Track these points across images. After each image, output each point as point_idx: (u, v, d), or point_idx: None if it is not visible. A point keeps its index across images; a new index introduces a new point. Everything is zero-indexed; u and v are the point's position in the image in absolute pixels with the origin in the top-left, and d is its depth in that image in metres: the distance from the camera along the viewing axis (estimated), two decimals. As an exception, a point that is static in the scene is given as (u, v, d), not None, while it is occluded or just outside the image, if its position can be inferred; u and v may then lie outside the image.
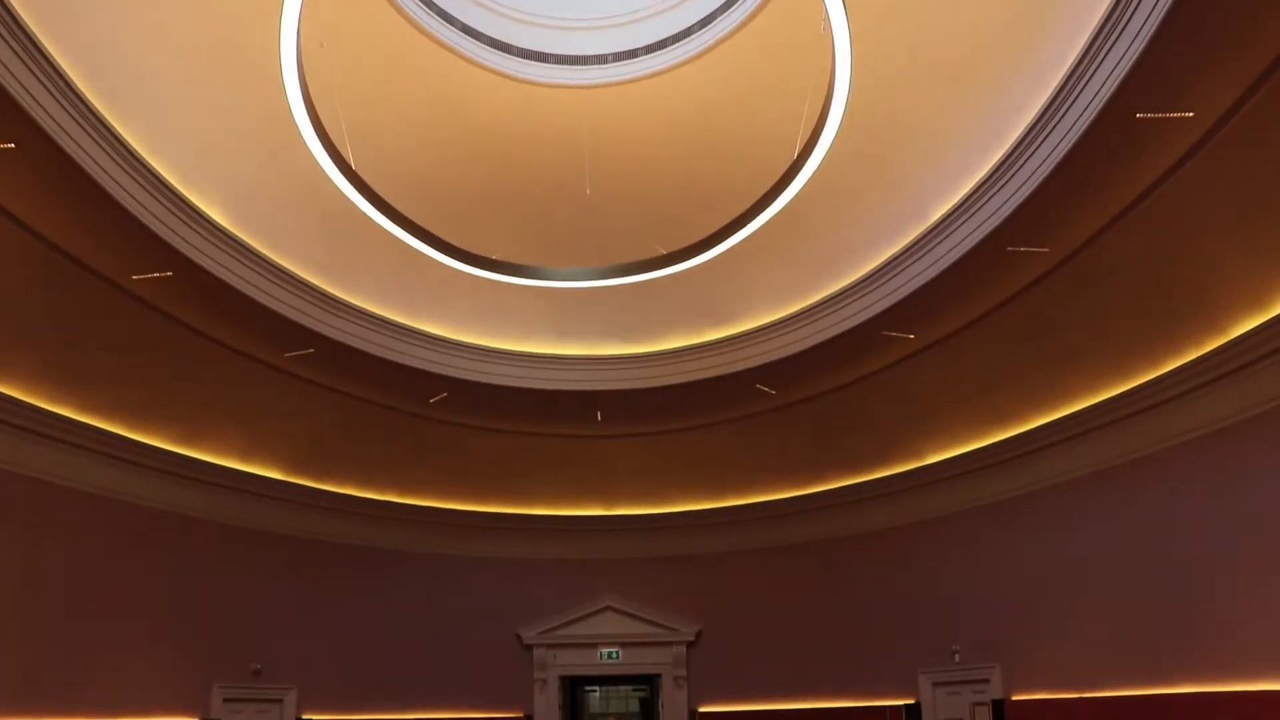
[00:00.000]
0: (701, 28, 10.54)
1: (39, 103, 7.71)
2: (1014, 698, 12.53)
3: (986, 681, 12.92)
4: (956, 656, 13.42)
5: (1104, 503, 11.63)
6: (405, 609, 15.50)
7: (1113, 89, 7.63)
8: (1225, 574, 10.06)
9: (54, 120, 7.87)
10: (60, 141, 7.95)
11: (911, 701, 13.89)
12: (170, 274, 9.72)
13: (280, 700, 13.83)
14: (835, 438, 14.29)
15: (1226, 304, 9.59)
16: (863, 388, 12.99)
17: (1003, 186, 9.19)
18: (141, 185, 8.93)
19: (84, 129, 8.22)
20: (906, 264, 10.67)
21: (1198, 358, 10.14)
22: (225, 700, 12.98)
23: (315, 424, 13.47)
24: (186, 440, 12.63)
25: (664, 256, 11.15)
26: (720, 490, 16.07)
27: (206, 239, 9.80)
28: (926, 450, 13.79)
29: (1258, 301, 9.37)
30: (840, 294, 11.60)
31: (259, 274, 10.53)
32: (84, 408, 11.34)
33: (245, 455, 13.40)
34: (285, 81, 8.04)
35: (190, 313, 10.68)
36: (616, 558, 16.53)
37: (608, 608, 16.34)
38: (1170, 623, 10.60)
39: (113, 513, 11.97)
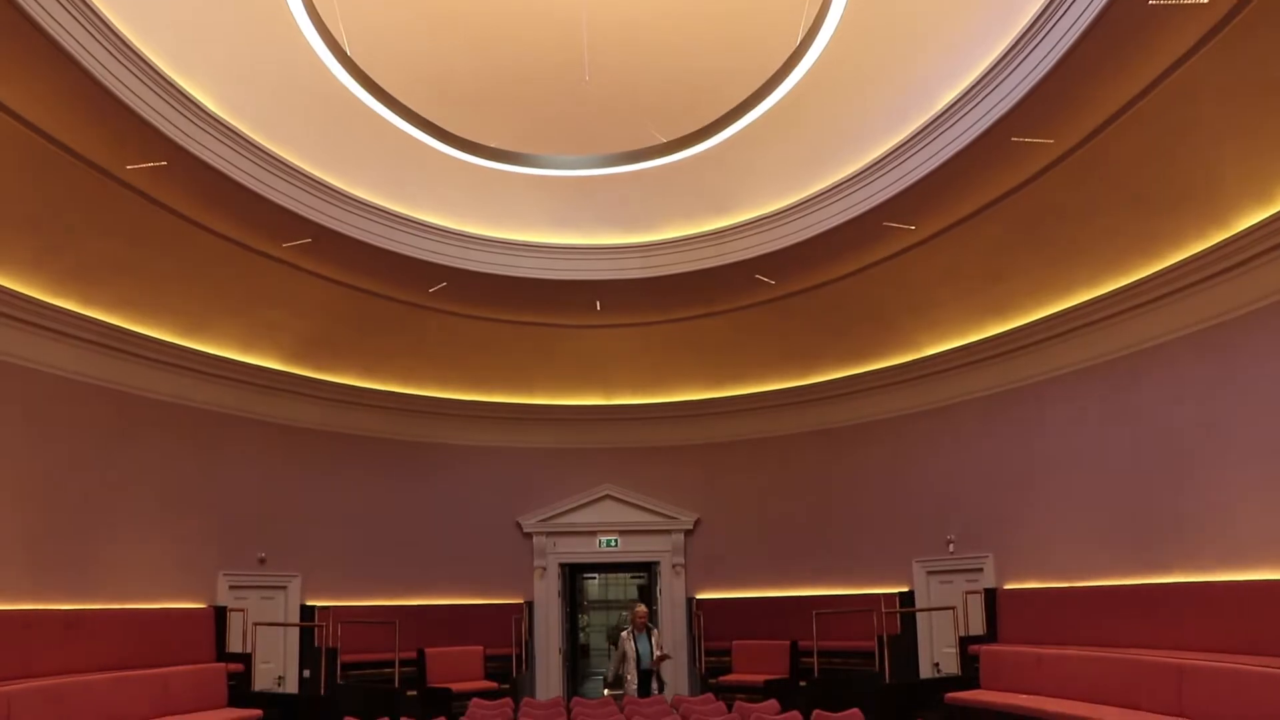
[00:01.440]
0: (703, -92, 10.23)
1: (23, -15, 7.51)
2: (1006, 586, 12.74)
3: (980, 571, 13.13)
4: (951, 546, 13.62)
5: (1102, 395, 11.69)
6: (406, 498, 15.69)
7: (1126, -28, 7.44)
8: (1220, 467, 10.15)
9: (37, 3, 7.67)
10: (45, 25, 7.75)
11: (906, 590, 14.12)
12: (165, 163, 9.60)
13: (284, 587, 14.10)
14: (834, 329, 14.29)
15: (1231, 197, 9.50)
16: (863, 279, 12.95)
17: (1009, 75, 9.00)
18: (132, 71, 8.74)
19: (70, 13, 8.00)
20: (909, 154, 10.53)
21: (1200, 251, 10.09)
22: (231, 588, 13.23)
23: (315, 315, 13.46)
24: (187, 332, 12.65)
25: (663, 145, 11.00)
26: (719, 380, 16.15)
27: (201, 128, 9.65)
28: (925, 342, 13.80)
29: (1263, 194, 9.28)
30: (841, 183, 11.47)
31: (255, 163, 10.39)
32: (85, 300, 11.33)
33: (246, 346, 13.42)
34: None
35: (187, 203, 10.58)
36: (615, 446, 16.69)
37: (607, 496, 16.56)
38: (1164, 514, 10.73)
39: (116, 404, 12.06)
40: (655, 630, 13.08)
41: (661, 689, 12.53)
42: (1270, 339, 9.61)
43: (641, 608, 13.20)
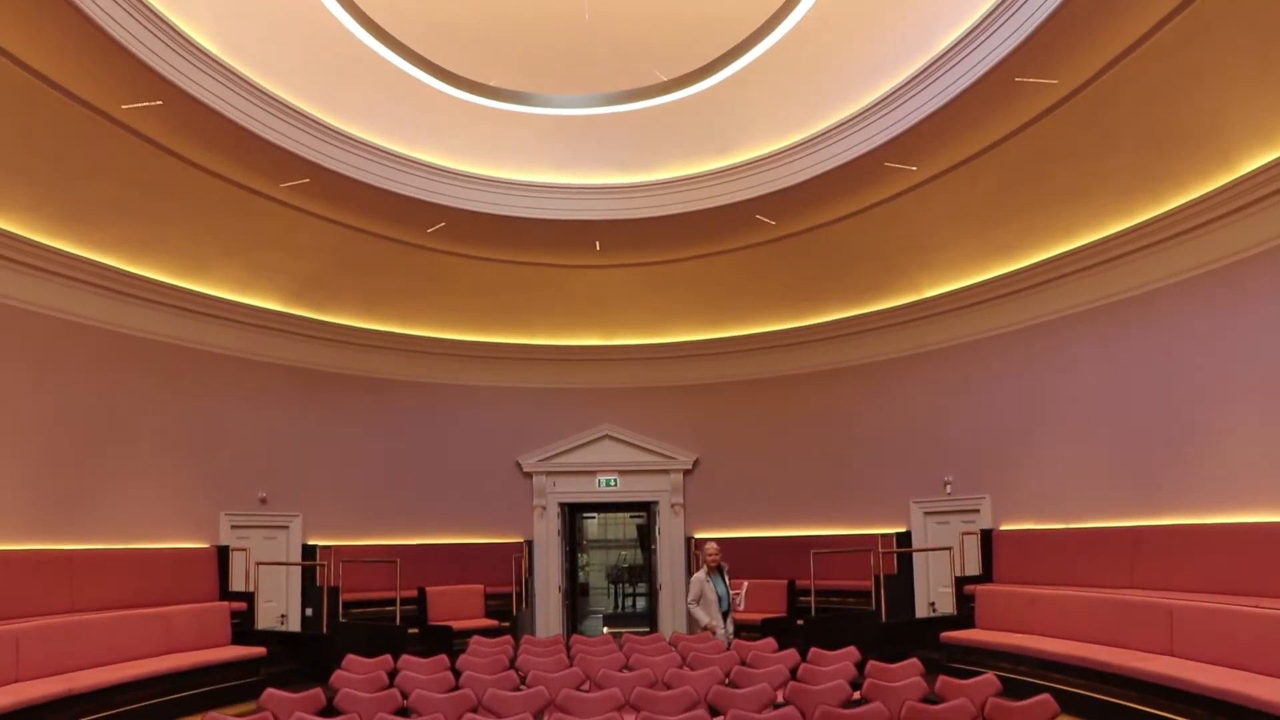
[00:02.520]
0: None
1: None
2: (1002, 528, 12.83)
3: (976, 512, 13.23)
4: (948, 488, 13.70)
5: (1102, 338, 11.69)
6: (407, 438, 15.76)
7: (1133, -88, 7.31)
8: (1217, 411, 10.18)
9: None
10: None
11: (903, 530, 14.22)
12: (160, 103, 9.51)
13: (286, 527, 14.21)
14: (834, 270, 14.26)
15: (1236, 139, 9.42)
16: (863, 220, 12.88)
17: (1014, 13, 8.88)
18: (126, 9, 8.62)
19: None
20: (911, 94, 10.41)
21: (1203, 195, 10.02)
22: (233, 528, 13.34)
23: (314, 255, 13.42)
24: (186, 273, 12.62)
25: (664, 84, 10.93)
26: (718, 320, 16.14)
27: (196, 66, 9.52)
28: (925, 283, 13.78)
29: (1268, 137, 9.20)
30: (843, 124, 11.36)
31: (251, 102, 10.28)
32: (83, 242, 11.30)
33: (245, 287, 13.40)
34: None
35: (184, 144, 10.49)
36: (615, 386, 16.73)
37: (606, 436, 16.63)
38: (1160, 457, 10.79)
39: (115, 345, 12.07)
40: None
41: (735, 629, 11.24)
42: (1273, 283, 9.58)
43: (713, 544, 11.42)
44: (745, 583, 11.52)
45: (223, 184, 11.36)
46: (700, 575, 11.05)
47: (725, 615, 10.86)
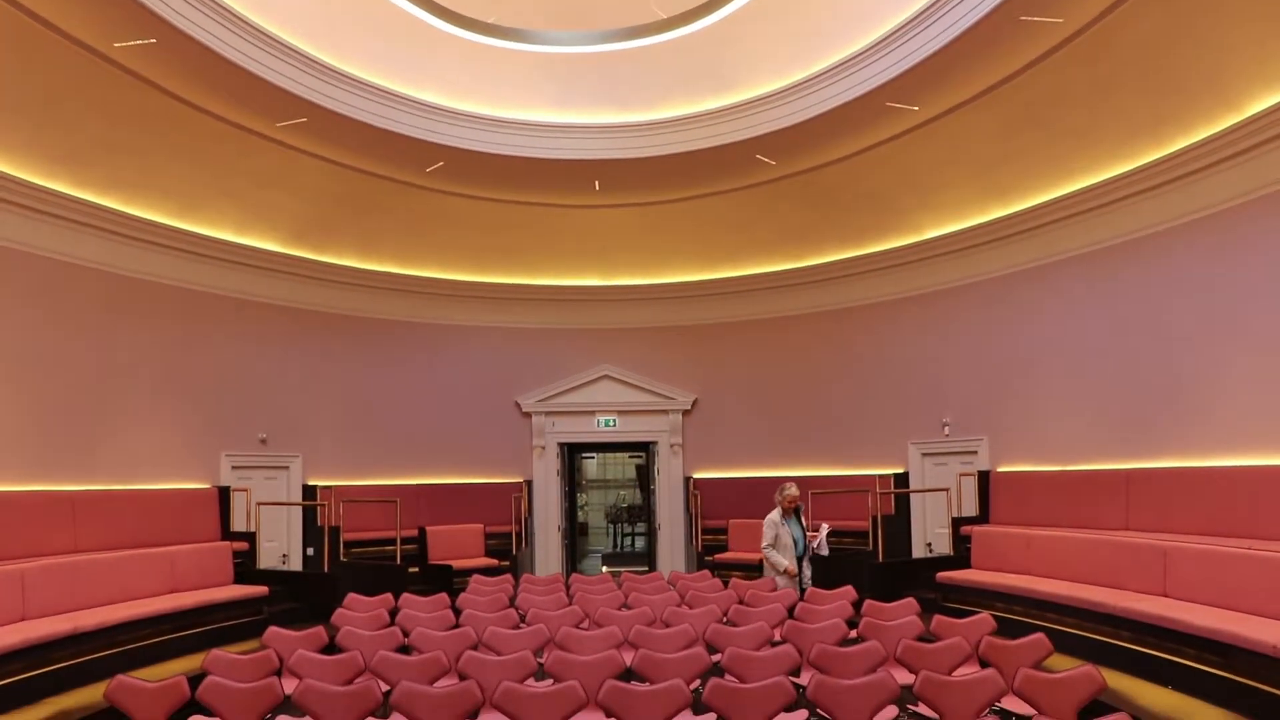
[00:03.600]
0: None
1: None
2: (1000, 469, 12.89)
3: (974, 453, 13.29)
4: (946, 429, 13.74)
5: (1102, 281, 11.66)
6: (406, 378, 15.79)
7: None
8: (1214, 355, 10.20)
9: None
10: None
11: (901, 471, 14.30)
12: (154, 41, 9.40)
13: (287, 468, 14.28)
14: (834, 210, 14.19)
15: (1242, 81, 9.33)
16: (864, 160, 12.80)
17: (1019, -49, 8.79)
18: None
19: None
20: (914, 32, 10.28)
21: (1207, 137, 9.93)
22: (234, 468, 13.42)
23: (311, 195, 13.35)
24: (183, 213, 12.57)
25: (663, 21, 10.80)
26: (718, 261, 16.10)
27: (189, 3, 9.37)
28: (925, 224, 13.72)
29: (1275, 79, 9.11)
30: (844, 62, 11.24)
31: (246, 40, 10.16)
32: (78, 182, 11.24)
33: (242, 227, 13.34)
34: None
35: (178, 82, 10.39)
36: (614, 327, 16.74)
37: (605, 376, 16.66)
38: (1157, 400, 10.83)
39: (113, 287, 12.06)
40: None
41: (811, 577, 10.74)
42: (1269, 228, 9.54)
43: (793, 487, 10.89)
44: (825, 525, 11.30)
45: (218, 123, 11.28)
46: (774, 517, 10.69)
47: (801, 560, 10.68)
